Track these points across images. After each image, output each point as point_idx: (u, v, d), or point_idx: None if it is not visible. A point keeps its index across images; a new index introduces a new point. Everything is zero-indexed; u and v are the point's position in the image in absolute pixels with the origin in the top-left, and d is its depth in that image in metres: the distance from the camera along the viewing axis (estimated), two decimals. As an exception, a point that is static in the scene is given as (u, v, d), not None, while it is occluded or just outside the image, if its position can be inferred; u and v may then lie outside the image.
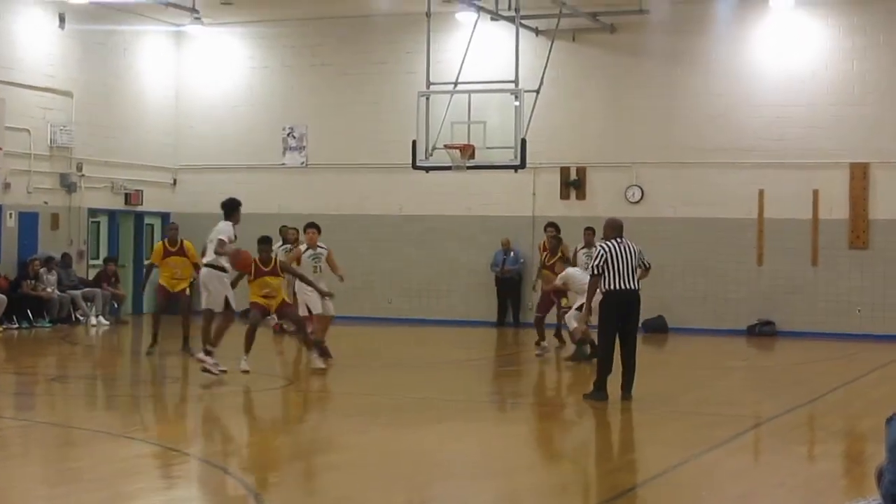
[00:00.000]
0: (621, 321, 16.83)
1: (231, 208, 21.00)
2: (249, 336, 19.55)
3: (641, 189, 30.58)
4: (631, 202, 30.58)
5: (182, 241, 23.46)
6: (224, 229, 20.28)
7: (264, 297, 19.69)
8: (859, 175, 29.00)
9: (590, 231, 23.65)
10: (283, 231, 27.20)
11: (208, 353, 19.19)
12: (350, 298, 28.57)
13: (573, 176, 31.11)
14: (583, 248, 23.51)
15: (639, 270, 17.22)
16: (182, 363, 21.70)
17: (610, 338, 16.87)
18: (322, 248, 22.68)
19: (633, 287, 16.83)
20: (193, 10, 30.68)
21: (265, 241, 20.63)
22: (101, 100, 31.88)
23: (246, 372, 19.10)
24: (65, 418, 15.52)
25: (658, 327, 29.27)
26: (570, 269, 21.97)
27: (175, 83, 34.50)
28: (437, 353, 24.69)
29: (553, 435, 15.30)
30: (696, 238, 29.57)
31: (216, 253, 20.05)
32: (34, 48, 29.96)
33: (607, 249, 16.86)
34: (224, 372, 18.77)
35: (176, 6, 30.40)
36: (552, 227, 24.65)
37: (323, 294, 21.40)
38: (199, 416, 16.45)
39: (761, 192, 29.52)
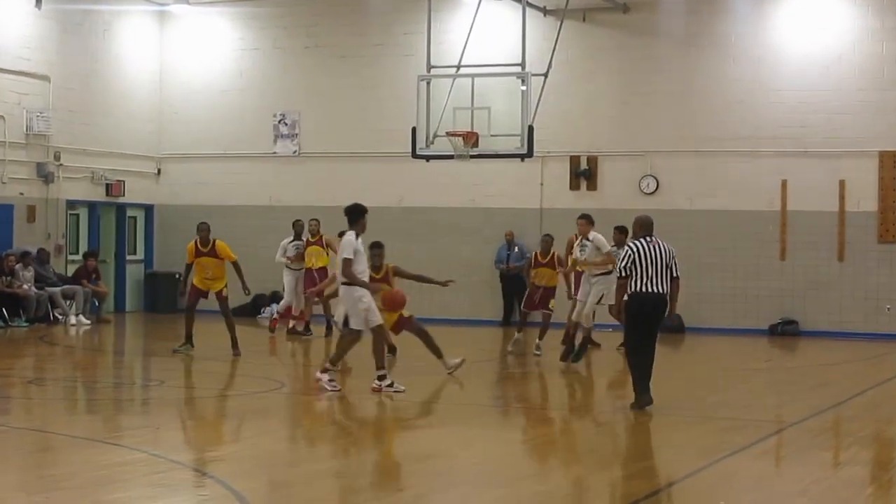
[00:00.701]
0: (649, 324, 16.53)
1: (356, 215, 18.95)
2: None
3: (656, 179, 30.59)
4: (645, 193, 30.60)
5: (214, 242, 23.38)
6: (347, 245, 18.48)
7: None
8: (889, 164, 29.01)
9: (621, 231, 23.16)
10: (298, 226, 27.32)
11: (326, 370, 18.42)
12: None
13: (583, 165, 31.13)
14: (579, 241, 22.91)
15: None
16: (175, 364, 21.76)
17: (639, 342, 16.59)
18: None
19: (661, 290, 16.34)
20: (179, -12, 30.78)
21: (377, 247, 20.42)
22: (80, 84, 31.90)
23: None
24: (42, 423, 15.55)
25: (674, 327, 29.23)
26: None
27: (159, 66, 34.51)
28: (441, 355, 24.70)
29: (563, 440, 15.32)
30: (715, 232, 29.58)
31: (344, 276, 18.30)
32: (9, 29, 29.98)
33: (635, 249, 16.40)
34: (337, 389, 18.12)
35: (160, -16, 30.50)
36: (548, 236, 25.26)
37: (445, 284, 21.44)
38: (186, 421, 16.48)
39: (784, 183, 29.54)
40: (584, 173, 31.12)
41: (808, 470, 13.15)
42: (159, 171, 34.67)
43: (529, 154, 25.25)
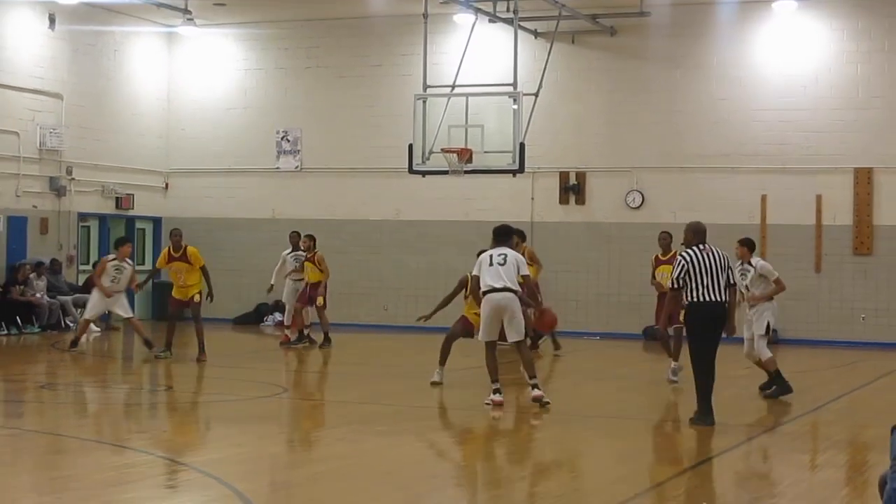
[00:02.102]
0: (711, 335, 15.62)
1: (507, 235, 18.03)
2: (446, 348, 19.69)
3: (642, 194, 30.60)
4: (631, 207, 30.63)
5: (185, 247, 23.33)
6: (523, 259, 17.57)
7: (476, 314, 18.52)
8: (863, 180, 29.04)
9: (666, 235, 21.85)
10: (293, 237, 27.14)
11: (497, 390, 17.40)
12: (346, 305, 28.61)
13: (572, 181, 31.13)
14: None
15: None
16: (183, 370, 21.74)
17: (702, 354, 15.63)
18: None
19: (719, 298, 15.51)
20: (186, 10, 30.76)
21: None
22: (91, 102, 31.89)
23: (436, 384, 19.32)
24: (54, 426, 15.52)
25: (657, 335, 29.21)
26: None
27: (167, 85, 34.52)
28: (434, 361, 24.68)
29: (551, 445, 15.30)
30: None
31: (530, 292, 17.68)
32: (23, 49, 29.98)
33: (689, 258, 15.59)
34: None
35: (168, 7, 30.49)
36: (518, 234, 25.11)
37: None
38: (191, 425, 16.46)
39: (764, 198, 29.57)
40: (572, 188, 31.12)
41: (786, 472, 13.14)
42: (167, 185, 34.66)
43: (521, 170, 25.28)
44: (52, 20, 30.46)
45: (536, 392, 17.09)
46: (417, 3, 26.90)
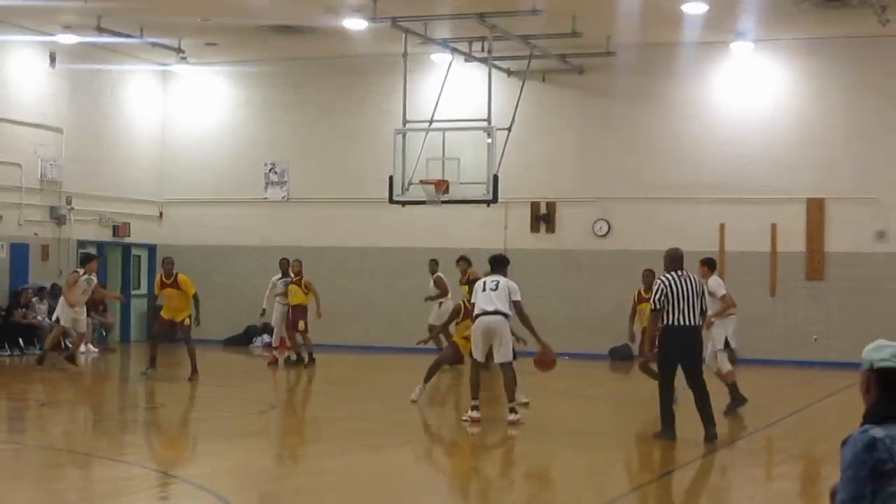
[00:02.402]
0: (683, 358, 15.46)
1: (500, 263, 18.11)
2: (433, 369, 19.51)
3: (608, 223, 30.69)
4: (598, 235, 30.72)
5: (176, 275, 23.32)
6: (516, 288, 17.39)
7: (464, 338, 18.67)
8: (815, 210, 29.17)
9: (649, 273, 21.50)
10: (283, 264, 27.09)
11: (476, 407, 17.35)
12: (331, 326, 28.57)
13: (543, 210, 31.20)
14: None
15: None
16: (175, 389, 21.72)
17: (670, 375, 15.55)
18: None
19: (692, 323, 15.41)
20: (179, 50, 30.86)
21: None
22: (89, 136, 31.86)
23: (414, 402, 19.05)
24: (54, 442, 15.50)
25: (625, 355, 29.28)
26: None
27: (161, 120, 34.51)
28: (415, 381, 24.69)
29: (525, 458, 15.32)
30: (661, 270, 29.59)
31: (520, 315, 17.31)
32: (26, 86, 29.97)
33: (667, 283, 15.52)
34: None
35: (162, 46, 30.52)
36: (463, 260, 26.09)
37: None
38: (184, 440, 16.43)
39: (722, 226, 29.67)
40: (543, 217, 31.19)
41: (743, 484, 13.18)
42: (161, 214, 34.62)
43: (495, 200, 25.35)
44: (52, 59, 30.44)
45: (512, 416, 17.03)
46: (398, 43, 26.96)
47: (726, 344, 19.15)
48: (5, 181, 28.81)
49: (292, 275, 26.43)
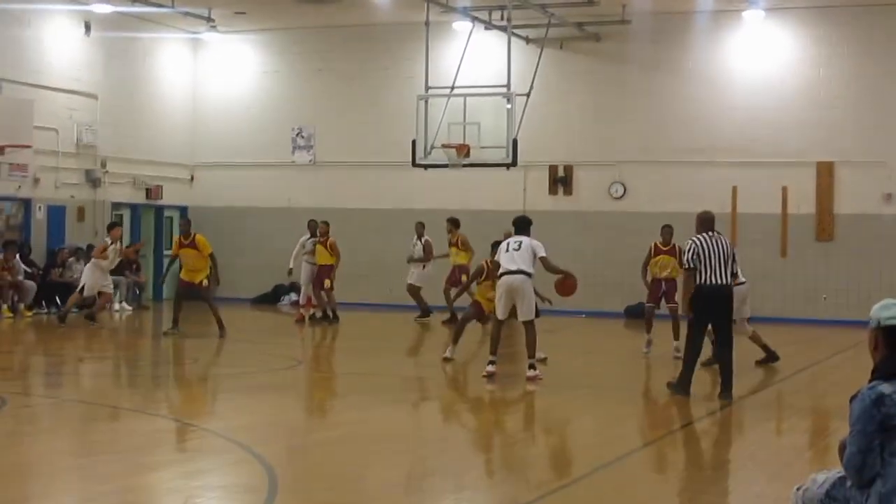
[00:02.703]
0: (714, 318, 15.36)
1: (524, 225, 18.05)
2: (461, 328, 19.42)
3: (624, 186, 30.60)
4: (614, 198, 30.65)
5: (194, 235, 23.14)
6: (540, 245, 17.44)
7: (488, 299, 18.65)
8: (825, 173, 29.03)
9: (668, 228, 21.48)
10: (311, 224, 27.24)
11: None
12: (355, 286, 28.59)
13: (560, 173, 31.13)
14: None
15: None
16: (206, 346, 21.77)
17: (699, 333, 15.46)
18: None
19: (724, 282, 15.20)
20: (209, 18, 30.79)
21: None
22: (123, 101, 31.84)
23: (448, 360, 18.89)
24: (90, 396, 15.54)
25: (639, 313, 29.21)
26: None
27: (192, 86, 34.47)
28: (436, 337, 24.73)
29: (544, 413, 15.31)
30: (675, 231, 29.52)
31: (550, 269, 17.54)
32: (62, 54, 29.95)
33: (698, 243, 15.25)
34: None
35: (193, 15, 30.45)
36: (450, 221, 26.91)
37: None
38: (214, 394, 16.47)
39: (734, 189, 29.56)
40: (561, 180, 31.12)
41: (754, 437, 13.15)
42: (192, 177, 34.62)
43: (514, 163, 25.26)
44: (87, 27, 30.40)
45: (531, 373, 16.99)
46: (420, 12, 26.85)
47: None
48: (43, 146, 28.80)
49: (321, 234, 26.53)
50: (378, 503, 9.32)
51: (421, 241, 27.63)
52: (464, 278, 25.73)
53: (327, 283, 26.08)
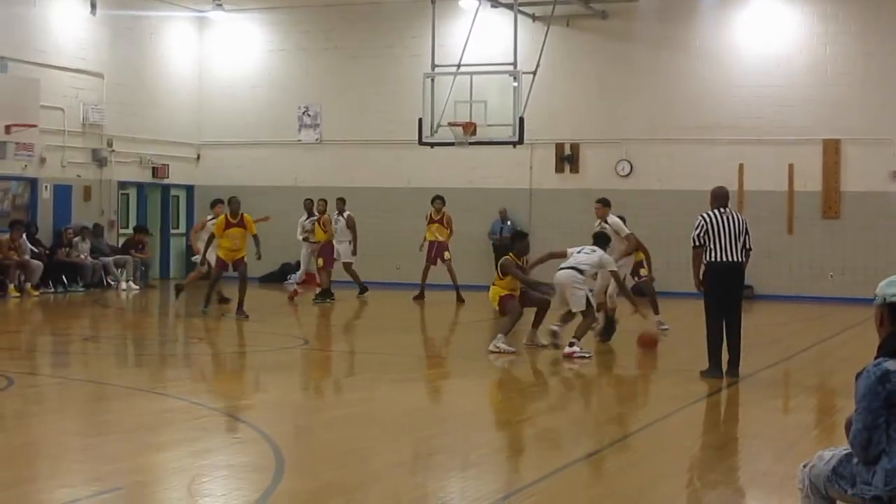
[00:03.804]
0: (724, 294, 15.11)
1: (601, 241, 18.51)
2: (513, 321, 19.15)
3: (630, 163, 30.58)
4: (621, 175, 30.62)
5: (242, 214, 23.08)
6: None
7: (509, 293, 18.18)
8: (831, 150, 29.00)
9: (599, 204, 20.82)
10: (307, 203, 27.43)
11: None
12: (362, 264, 28.57)
13: (567, 151, 31.11)
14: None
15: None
16: (213, 324, 21.79)
17: (714, 311, 15.16)
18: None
19: (735, 259, 15.02)
20: (215, -3, 30.80)
21: (523, 237, 18.61)
22: (129, 81, 31.85)
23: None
24: (97, 375, 15.57)
25: (645, 291, 29.21)
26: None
27: (198, 65, 34.46)
28: (442, 315, 24.75)
29: (549, 390, 15.33)
30: (681, 209, 29.46)
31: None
32: (67, 33, 29.94)
33: (708, 220, 15.10)
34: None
35: (199, -6, 30.47)
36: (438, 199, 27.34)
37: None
38: (222, 373, 16.49)
39: (741, 167, 29.53)
40: (567, 158, 31.10)
41: (761, 415, 13.15)
42: (199, 156, 34.65)
43: (520, 141, 25.25)
44: (93, 6, 30.37)
45: (570, 349, 16.97)
46: (426, -11, 26.84)
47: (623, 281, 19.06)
48: (49, 125, 28.82)
49: (317, 213, 26.63)
50: (385, 482, 9.34)
51: (343, 216, 27.66)
52: (447, 255, 27.00)
53: (320, 261, 26.28)
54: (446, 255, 27.09)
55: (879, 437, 6.19)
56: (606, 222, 19.52)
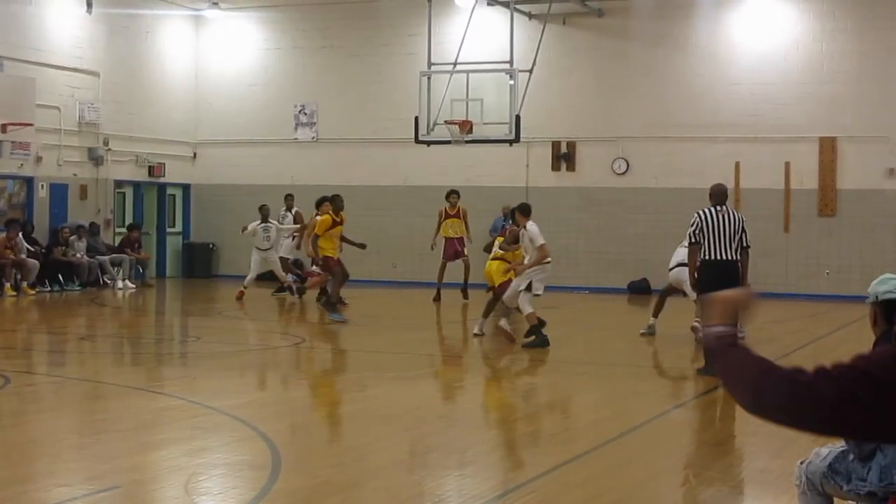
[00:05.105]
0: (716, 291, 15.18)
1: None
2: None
3: (627, 161, 30.59)
4: (617, 173, 30.63)
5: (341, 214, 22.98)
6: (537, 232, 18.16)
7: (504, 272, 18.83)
8: (828, 148, 29.02)
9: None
10: (288, 199, 27.66)
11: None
12: (359, 262, 28.61)
13: (563, 149, 31.11)
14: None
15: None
16: (209, 323, 21.80)
17: None
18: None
19: (730, 257, 14.98)
20: (211, -5, 30.80)
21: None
22: (125, 79, 31.84)
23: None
24: (94, 374, 15.57)
25: (642, 289, 29.31)
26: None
27: (194, 64, 34.45)
28: (439, 314, 24.75)
29: (546, 390, 15.35)
30: (677, 206, 29.47)
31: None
32: (63, 31, 29.93)
33: (702, 217, 15.11)
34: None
35: (195, -8, 30.47)
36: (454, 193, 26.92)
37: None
38: (218, 372, 16.49)
39: (737, 164, 29.55)
40: (564, 156, 31.11)
41: (757, 413, 13.14)
42: (195, 154, 34.63)
43: (516, 139, 25.26)
44: (89, 4, 30.31)
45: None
46: (422, -13, 26.85)
47: (529, 287, 18.67)
48: (45, 124, 28.81)
49: (292, 212, 26.93)
50: (381, 480, 9.35)
51: (291, 212, 27.75)
52: (466, 251, 26.48)
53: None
54: (466, 251, 26.70)
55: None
56: (525, 229, 19.26)
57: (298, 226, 27.58)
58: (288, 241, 27.49)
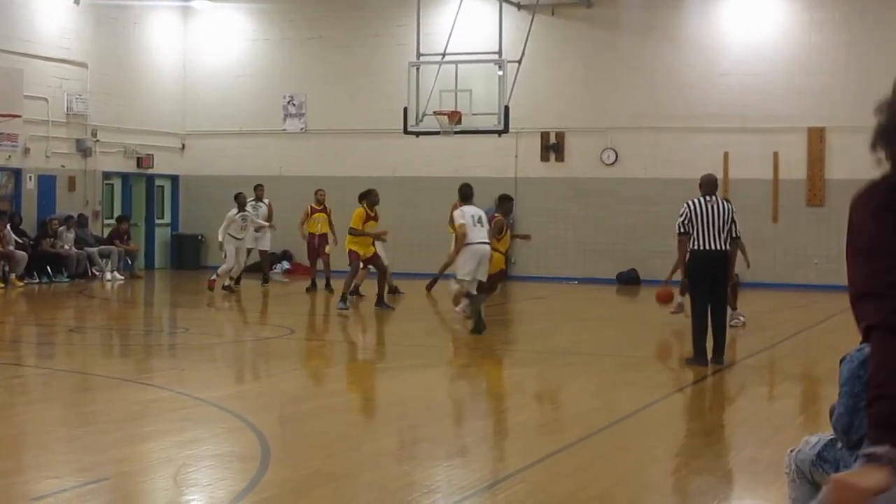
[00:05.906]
0: (708, 282, 14.88)
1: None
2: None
3: (616, 152, 30.60)
4: (606, 164, 30.65)
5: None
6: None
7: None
8: (816, 138, 29.05)
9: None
10: (240, 197, 27.21)
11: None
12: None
13: (552, 140, 31.11)
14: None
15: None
16: (197, 314, 21.77)
17: (699, 299, 14.96)
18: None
19: (718, 247, 14.81)
20: (199, -14, 30.74)
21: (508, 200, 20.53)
22: (114, 70, 31.78)
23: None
24: (82, 366, 15.53)
25: (631, 279, 29.34)
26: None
27: (183, 55, 34.39)
28: (430, 305, 24.73)
29: (534, 380, 15.34)
30: (666, 197, 29.51)
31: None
32: (51, 22, 29.86)
33: (691, 207, 14.98)
34: None
35: (183, -17, 30.40)
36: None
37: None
38: (207, 363, 16.46)
39: (726, 155, 29.57)
40: (553, 147, 31.11)
41: (747, 402, 13.19)
42: (183, 146, 34.59)
43: (505, 130, 25.28)
44: (77, -5, 30.33)
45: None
46: (410, -22, 26.81)
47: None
48: (33, 115, 28.75)
49: (314, 205, 26.73)
50: (371, 471, 9.33)
51: (264, 202, 27.85)
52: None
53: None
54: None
55: (861, 422, 6.20)
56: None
57: (268, 224, 27.61)
58: (267, 235, 27.56)
